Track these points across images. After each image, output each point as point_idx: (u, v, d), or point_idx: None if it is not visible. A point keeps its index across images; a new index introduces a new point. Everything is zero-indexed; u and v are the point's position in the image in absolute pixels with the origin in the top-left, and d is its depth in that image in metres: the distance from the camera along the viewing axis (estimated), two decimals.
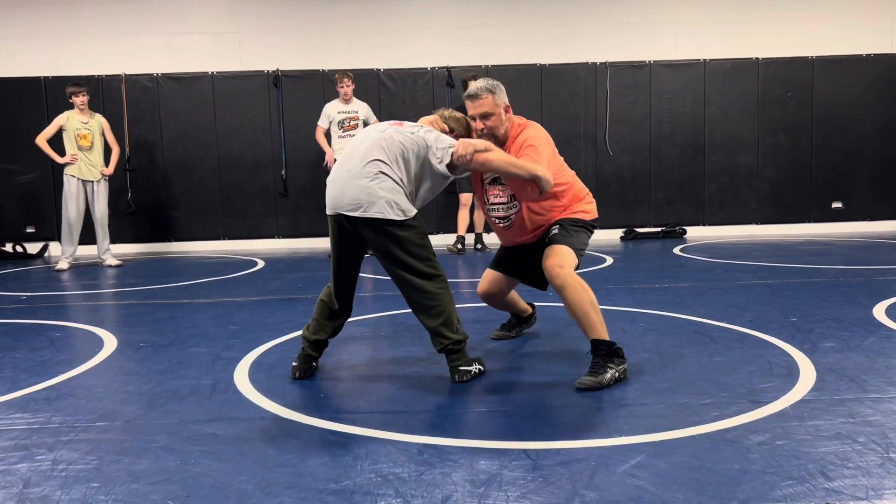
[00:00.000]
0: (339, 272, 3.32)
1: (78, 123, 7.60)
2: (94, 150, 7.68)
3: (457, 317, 3.25)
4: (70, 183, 7.61)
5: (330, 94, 8.50)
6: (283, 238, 9.31)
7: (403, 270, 3.17)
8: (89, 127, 7.65)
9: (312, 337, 3.37)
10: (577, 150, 9.26)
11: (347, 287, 3.36)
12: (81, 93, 7.61)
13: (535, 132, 3.47)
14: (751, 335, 3.96)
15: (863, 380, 3.13)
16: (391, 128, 3.26)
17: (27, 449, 2.58)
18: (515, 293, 4.01)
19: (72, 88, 7.63)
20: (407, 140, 3.20)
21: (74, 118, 7.61)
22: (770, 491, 2.11)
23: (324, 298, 3.40)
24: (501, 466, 2.34)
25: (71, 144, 7.58)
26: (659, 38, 9.36)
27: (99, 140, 7.72)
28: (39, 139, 7.55)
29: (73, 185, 7.62)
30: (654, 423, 2.67)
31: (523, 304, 4.06)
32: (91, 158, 7.66)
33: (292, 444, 2.57)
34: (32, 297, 5.88)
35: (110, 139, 7.84)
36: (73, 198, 7.62)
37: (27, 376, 3.52)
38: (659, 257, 7.46)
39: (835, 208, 9.51)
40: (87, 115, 7.68)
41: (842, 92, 9.32)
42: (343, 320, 3.42)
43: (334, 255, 3.31)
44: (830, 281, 5.61)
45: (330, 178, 3.26)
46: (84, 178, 7.64)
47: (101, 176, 7.71)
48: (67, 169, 7.59)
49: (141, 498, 2.17)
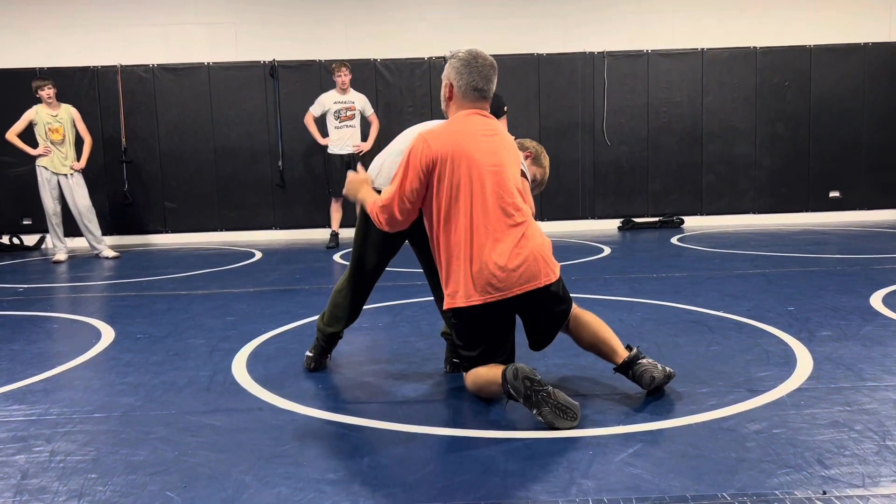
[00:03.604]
0: (374, 274, 3.27)
1: (48, 117, 7.50)
2: (66, 143, 7.57)
3: None
4: (41, 173, 7.52)
5: (326, 85, 8.46)
6: (280, 229, 9.30)
7: None
8: (59, 119, 7.54)
9: (329, 330, 3.34)
10: (575, 141, 9.24)
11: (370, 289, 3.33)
12: (47, 86, 7.48)
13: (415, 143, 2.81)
14: (748, 324, 3.96)
15: (859, 368, 3.14)
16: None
17: (25, 440, 2.58)
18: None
19: (37, 82, 7.52)
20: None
21: (43, 112, 7.50)
22: (767, 479, 2.12)
23: (340, 300, 3.32)
24: (499, 455, 2.35)
25: (42, 138, 7.49)
26: (656, 27, 9.33)
27: (70, 132, 7.60)
28: (9, 134, 7.46)
29: (45, 175, 7.52)
30: (652, 412, 2.68)
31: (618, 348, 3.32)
32: (63, 151, 7.56)
33: (290, 435, 2.57)
34: (30, 289, 5.87)
35: (82, 129, 7.69)
36: (47, 188, 7.53)
37: (25, 368, 3.51)
38: (656, 247, 7.46)
39: (832, 198, 9.50)
40: (55, 108, 7.56)
41: (840, 81, 9.30)
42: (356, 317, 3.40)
43: (378, 255, 3.22)
44: (828, 270, 5.61)
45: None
46: (56, 171, 7.55)
47: (72, 171, 7.60)
48: (39, 160, 7.50)
49: (139, 489, 2.17)
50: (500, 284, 2.70)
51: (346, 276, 3.29)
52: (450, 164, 2.73)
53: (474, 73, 2.84)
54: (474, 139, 2.79)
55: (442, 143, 2.76)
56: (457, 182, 2.74)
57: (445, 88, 2.92)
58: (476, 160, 2.75)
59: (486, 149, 2.79)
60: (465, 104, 2.87)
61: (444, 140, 2.77)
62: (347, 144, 7.98)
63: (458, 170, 2.74)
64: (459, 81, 2.85)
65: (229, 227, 9.28)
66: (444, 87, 2.92)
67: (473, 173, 2.74)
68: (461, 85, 2.84)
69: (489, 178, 2.76)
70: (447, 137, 2.78)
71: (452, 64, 2.87)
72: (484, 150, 2.79)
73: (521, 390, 2.53)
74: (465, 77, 2.84)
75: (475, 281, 2.70)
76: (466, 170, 2.74)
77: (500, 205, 2.75)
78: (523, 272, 2.71)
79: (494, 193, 2.75)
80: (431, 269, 3.15)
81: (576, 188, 9.30)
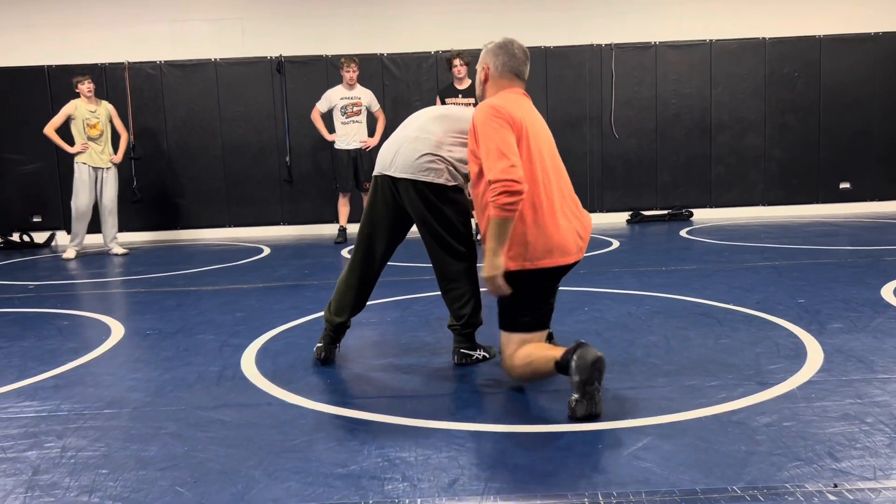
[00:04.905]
0: (382, 261, 3.33)
1: (86, 112, 7.58)
2: (104, 138, 7.68)
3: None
4: (82, 171, 7.61)
5: (333, 80, 8.45)
6: (288, 225, 9.31)
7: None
8: (97, 115, 7.63)
9: (337, 320, 3.35)
10: (583, 134, 9.21)
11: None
12: (87, 80, 7.58)
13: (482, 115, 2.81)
14: (758, 317, 3.94)
15: (871, 360, 3.12)
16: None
17: (36, 436, 2.60)
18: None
19: (78, 77, 7.61)
20: None
21: (82, 107, 7.59)
22: (777, 472, 2.11)
23: (346, 289, 3.34)
24: (508, 449, 2.34)
25: (80, 133, 7.57)
26: (665, 19, 9.27)
27: (108, 128, 7.72)
28: (48, 129, 7.53)
29: (85, 173, 7.60)
30: (661, 406, 2.67)
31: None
32: (100, 146, 7.66)
33: (299, 430, 2.58)
34: (40, 287, 5.90)
35: (118, 125, 7.84)
36: (86, 186, 7.61)
37: (36, 364, 3.54)
38: (665, 240, 7.43)
39: (843, 189, 9.44)
40: (94, 104, 7.66)
41: (850, 71, 9.22)
42: (363, 307, 3.42)
43: (386, 241, 3.30)
44: (838, 262, 5.58)
45: None
46: (95, 165, 7.64)
47: (110, 164, 7.73)
48: (79, 157, 7.58)
49: (149, 484, 2.18)
50: (560, 251, 2.77)
51: (352, 265, 3.31)
52: (526, 133, 2.79)
53: (509, 55, 2.93)
54: (532, 115, 2.88)
55: (516, 112, 2.79)
56: (534, 150, 2.79)
57: (481, 73, 2.99)
58: (541, 137, 2.86)
59: (544, 129, 2.92)
60: (502, 83, 2.94)
61: (516, 110, 2.80)
62: (354, 140, 7.98)
63: (534, 141, 2.80)
64: (495, 62, 2.94)
65: (237, 223, 9.30)
66: (480, 71, 2.99)
67: (543, 148, 2.85)
68: (497, 65, 2.93)
69: (550, 157, 2.87)
70: (517, 109, 2.82)
71: (487, 48, 2.98)
72: (543, 130, 2.91)
73: (585, 374, 2.51)
74: (501, 58, 2.93)
75: (542, 246, 2.75)
76: (536, 142, 2.81)
77: (560, 183, 2.88)
78: (573, 245, 2.82)
79: (555, 169, 2.87)
80: (440, 259, 3.20)
81: (584, 181, 9.27)
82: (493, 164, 2.66)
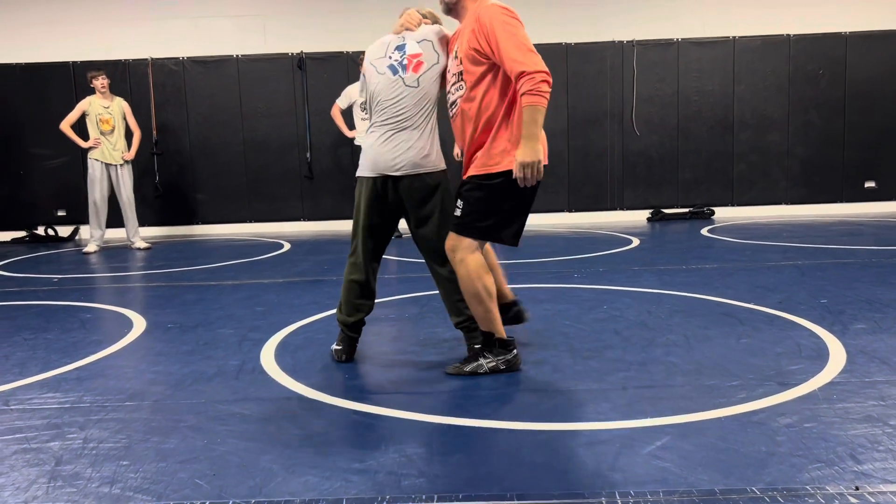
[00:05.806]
0: (382, 243, 3.38)
1: (100, 108, 7.68)
2: (116, 134, 7.75)
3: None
4: (94, 166, 7.71)
5: (353, 76, 8.47)
6: (308, 220, 9.35)
7: None
8: (110, 111, 7.72)
9: (350, 320, 3.35)
10: (604, 130, 9.16)
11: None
12: (101, 76, 7.68)
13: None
14: (780, 317, 3.90)
15: (894, 362, 3.07)
16: None
17: (59, 428, 2.64)
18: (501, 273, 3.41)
19: (92, 73, 7.71)
20: None
21: (96, 102, 7.69)
22: (797, 473, 2.08)
23: (353, 278, 3.35)
24: (526, 447, 2.34)
25: (94, 129, 7.67)
26: (687, 16, 9.19)
27: (120, 123, 7.78)
28: (63, 125, 7.65)
29: (97, 169, 7.71)
30: (680, 405, 2.65)
31: (505, 288, 3.44)
32: (113, 142, 7.74)
33: (317, 425, 2.59)
34: (64, 280, 5.98)
35: (132, 122, 7.90)
36: (98, 181, 7.71)
37: (59, 357, 3.59)
38: (686, 238, 7.38)
39: (868, 187, 9.31)
40: (108, 99, 7.75)
41: (875, 68, 9.09)
42: (373, 299, 3.41)
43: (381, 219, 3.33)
44: (862, 262, 5.50)
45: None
46: (107, 161, 7.72)
47: (122, 160, 7.79)
48: (91, 153, 7.70)
49: (169, 476, 2.21)
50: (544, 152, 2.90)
51: (355, 259, 3.31)
52: None
53: None
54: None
55: None
56: None
57: None
58: None
59: None
60: None
61: None
62: None
63: None
64: None
65: (258, 218, 9.36)
66: None
67: None
68: None
69: None
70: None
71: None
72: None
73: (507, 353, 3.05)
74: None
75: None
76: None
77: None
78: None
79: None
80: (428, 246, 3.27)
81: (604, 178, 9.22)
82: (526, 58, 2.82)
